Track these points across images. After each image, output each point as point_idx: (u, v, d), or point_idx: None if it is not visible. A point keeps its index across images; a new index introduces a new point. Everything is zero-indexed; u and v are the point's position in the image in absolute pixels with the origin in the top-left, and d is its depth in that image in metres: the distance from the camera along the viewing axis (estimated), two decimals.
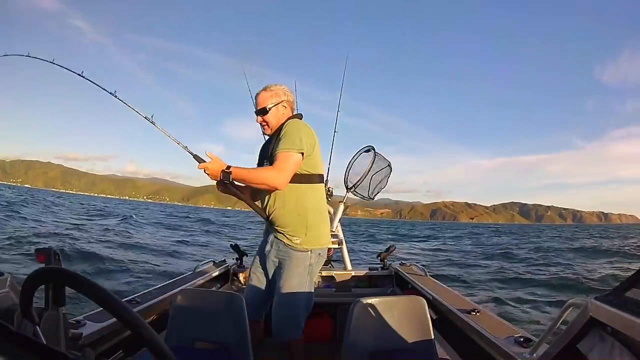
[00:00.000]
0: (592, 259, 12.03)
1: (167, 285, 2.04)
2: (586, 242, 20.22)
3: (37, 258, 0.86)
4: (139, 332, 0.50)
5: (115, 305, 0.51)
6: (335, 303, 2.54)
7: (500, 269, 9.07)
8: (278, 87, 1.74)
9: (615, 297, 0.84)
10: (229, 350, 1.36)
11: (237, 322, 1.38)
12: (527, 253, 13.32)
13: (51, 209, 23.08)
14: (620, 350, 0.79)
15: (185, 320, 1.42)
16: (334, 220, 3.07)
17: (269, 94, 1.72)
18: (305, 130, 1.65)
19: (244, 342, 1.36)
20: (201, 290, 1.98)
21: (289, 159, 1.58)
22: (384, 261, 2.89)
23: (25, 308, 0.64)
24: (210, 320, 1.41)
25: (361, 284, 2.74)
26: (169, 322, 1.43)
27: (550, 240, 22.88)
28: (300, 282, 1.65)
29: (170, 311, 1.45)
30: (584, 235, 31.59)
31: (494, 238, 25.32)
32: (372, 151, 2.97)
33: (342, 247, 3.00)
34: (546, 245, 16.84)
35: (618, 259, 11.85)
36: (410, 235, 28.41)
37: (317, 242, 1.68)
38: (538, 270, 9.08)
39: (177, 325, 1.42)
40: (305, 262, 1.66)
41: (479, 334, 1.48)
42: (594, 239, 23.15)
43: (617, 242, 19.50)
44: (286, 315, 1.64)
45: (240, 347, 1.35)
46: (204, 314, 1.42)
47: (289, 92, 1.76)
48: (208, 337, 1.40)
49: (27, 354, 0.34)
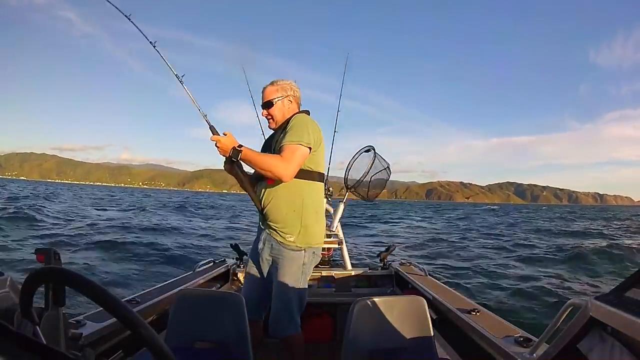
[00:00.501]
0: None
1: (167, 285, 2.05)
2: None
3: (37, 258, 0.86)
4: (138, 332, 0.50)
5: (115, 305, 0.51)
6: (335, 303, 2.54)
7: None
8: (285, 82, 1.74)
9: (615, 297, 0.84)
10: (229, 350, 1.36)
11: (237, 322, 1.38)
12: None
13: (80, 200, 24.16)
14: (620, 350, 0.79)
15: (185, 320, 1.42)
16: (334, 220, 3.07)
17: (275, 88, 1.71)
18: (312, 125, 1.64)
19: (244, 342, 1.36)
20: (201, 290, 1.98)
21: (297, 151, 1.56)
22: (384, 261, 2.89)
23: (25, 308, 0.63)
24: (210, 320, 1.41)
25: (361, 284, 2.75)
26: (169, 322, 1.43)
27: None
28: (293, 280, 1.64)
29: (170, 311, 1.45)
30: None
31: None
32: (372, 151, 2.98)
33: (342, 246, 3.00)
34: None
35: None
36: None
37: (311, 241, 1.66)
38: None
39: (177, 325, 1.42)
40: (299, 261, 1.64)
41: (479, 333, 1.48)
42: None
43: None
44: (281, 313, 1.65)
45: (240, 347, 1.35)
46: (204, 314, 1.42)
47: (295, 88, 1.75)
48: (208, 337, 1.40)
49: (27, 354, 0.34)
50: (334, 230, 3.02)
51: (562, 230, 16.46)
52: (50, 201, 22.10)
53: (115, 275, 5.77)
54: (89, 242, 8.31)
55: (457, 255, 8.95)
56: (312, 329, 2.37)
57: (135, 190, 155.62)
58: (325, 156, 2.11)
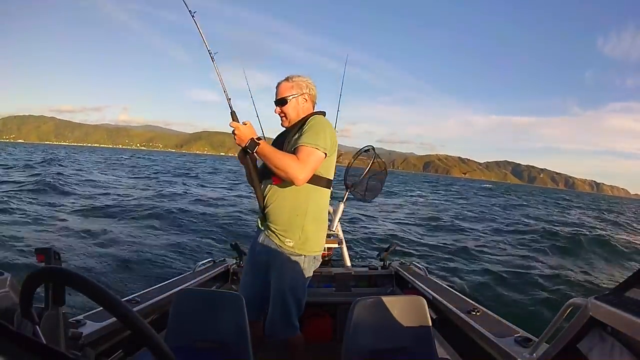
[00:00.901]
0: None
1: (166, 285, 2.05)
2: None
3: (36, 257, 0.86)
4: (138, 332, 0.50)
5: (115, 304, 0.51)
6: (335, 303, 2.54)
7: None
8: (302, 78, 1.66)
9: (615, 297, 0.84)
10: (229, 349, 1.36)
11: (237, 322, 1.38)
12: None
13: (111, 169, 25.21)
14: (620, 350, 0.79)
15: (185, 320, 1.42)
16: (334, 220, 3.07)
17: (290, 85, 1.64)
18: (330, 130, 1.58)
19: (244, 341, 1.36)
20: (201, 290, 1.98)
21: (313, 155, 1.49)
22: (384, 260, 2.89)
23: (25, 308, 0.64)
24: (210, 319, 1.41)
25: (361, 284, 2.75)
26: (169, 322, 1.43)
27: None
28: (292, 284, 1.61)
29: (170, 311, 1.45)
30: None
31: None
32: (372, 151, 2.98)
33: (342, 246, 3.00)
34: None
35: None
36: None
37: (310, 249, 1.62)
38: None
39: (177, 325, 1.42)
40: (298, 266, 1.60)
41: (479, 333, 1.48)
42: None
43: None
44: (278, 315, 1.62)
45: (240, 347, 1.35)
46: (204, 314, 1.42)
47: (312, 86, 1.68)
48: (208, 337, 1.40)
49: (27, 354, 0.34)
50: (334, 230, 3.02)
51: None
52: (65, 167, 22.06)
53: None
54: (140, 213, 8.51)
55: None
56: (312, 328, 2.37)
57: (137, 152, 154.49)
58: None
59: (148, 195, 12.05)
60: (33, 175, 14.99)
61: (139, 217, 8.21)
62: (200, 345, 1.39)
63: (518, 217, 15.32)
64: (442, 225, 11.25)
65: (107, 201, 10.03)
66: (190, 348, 1.38)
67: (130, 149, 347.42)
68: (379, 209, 13.70)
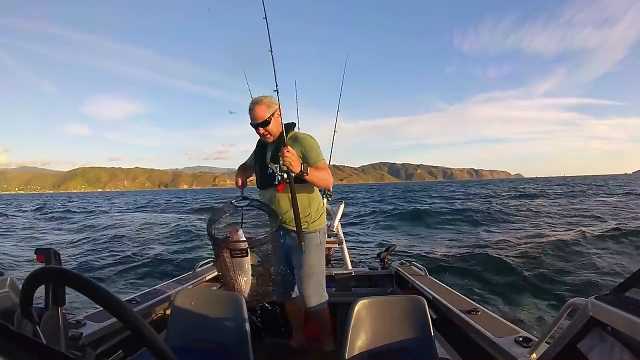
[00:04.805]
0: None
1: (166, 285, 2.05)
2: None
3: (37, 258, 0.86)
4: (138, 332, 0.50)
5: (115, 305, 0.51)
6: (335, 303, 2.54)
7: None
8: (269, 98, 1.93)
9: (615, 297, 0.84)
10: (229, 350, 1.36)
11: (237, 322, 1.38)
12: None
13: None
14: (620, 350, 0.79)
15: (185, 320, 1.42)
16: (334, 220, 3.07)
17: (264, 107, 1.89)
18: (317, 143, 1.98)
19: (244, 341, 1.36)
20: (201, 290, 1.98)
21: (326, 165, 1.94)
22: (384, 261, 2.89)
23: (25, 308, 0.63)
24: (210, 320, 1.41)
25: (361, 284, 2.75)
26: (169, 322, 1.43)
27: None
28: (317, 258, 1.98)
29: (170, 311, 1.45)
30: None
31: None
32: None
33: (342, 246, 3.01)
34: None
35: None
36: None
37: (320, 223, 2.03)
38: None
39: (177, 325, 1.42)
40: (316, 240, 1.99)
41: (479, 333, 1.48)
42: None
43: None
44: (314, 289, 1.97)
45: (240, 347, 1.36)
46: (204, 314, 1.42)
47: (275, 101, 1.95)
48: (208, 337, 1.40)
49: (27, 354, 0.34)
50: (334, 230, 3.02)
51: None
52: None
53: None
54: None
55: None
56: (312, 328, 2.37)
57: (15, 197, 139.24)
58: (326, 155, 2.32)
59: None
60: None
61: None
62: (200, 345, 1.39)
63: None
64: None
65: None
66: (190, 348, 1.38)
67: (8, 194, 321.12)
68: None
